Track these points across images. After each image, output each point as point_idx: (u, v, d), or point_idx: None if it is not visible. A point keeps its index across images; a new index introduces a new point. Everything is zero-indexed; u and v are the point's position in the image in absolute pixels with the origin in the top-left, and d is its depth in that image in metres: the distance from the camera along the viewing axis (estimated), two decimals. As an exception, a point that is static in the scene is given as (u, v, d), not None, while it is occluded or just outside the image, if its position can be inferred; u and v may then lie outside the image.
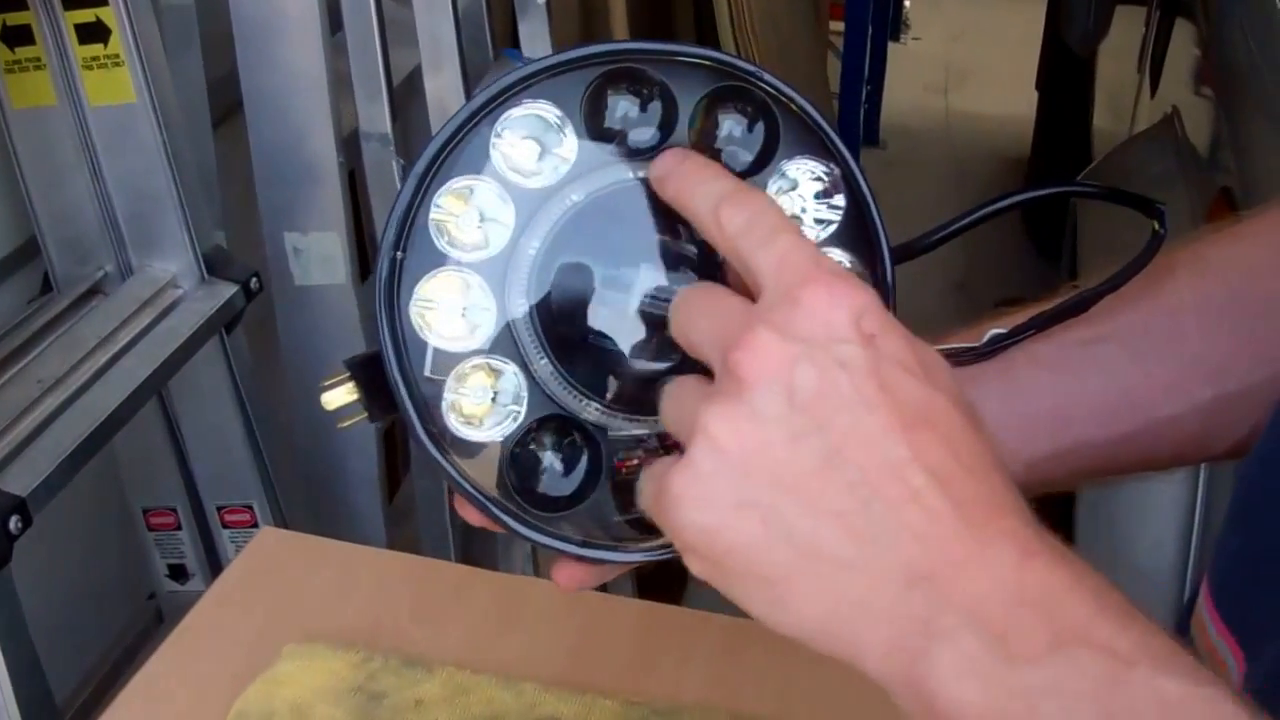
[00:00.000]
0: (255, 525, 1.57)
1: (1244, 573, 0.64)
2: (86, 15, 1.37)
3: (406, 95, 1.74)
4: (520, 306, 0.61)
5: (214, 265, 1.46)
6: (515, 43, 2.12)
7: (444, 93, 1.68)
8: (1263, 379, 0.70)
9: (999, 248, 4.15)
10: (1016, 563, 0.48)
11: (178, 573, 1.65)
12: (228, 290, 1.45)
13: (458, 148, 0.61)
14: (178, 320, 1.40)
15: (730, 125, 0.62)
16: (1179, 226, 0.73)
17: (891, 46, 4.91)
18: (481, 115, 0.61)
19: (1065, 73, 3.76)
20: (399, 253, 0.61)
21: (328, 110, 1.56)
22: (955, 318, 0.76)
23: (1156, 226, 0.66)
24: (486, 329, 0.61)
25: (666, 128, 0.61)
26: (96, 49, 1.38)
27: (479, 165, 0.61)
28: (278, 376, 1.72)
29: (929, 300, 3.79)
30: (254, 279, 1.48)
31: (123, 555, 1.71)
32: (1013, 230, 4.18)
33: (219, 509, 1.59)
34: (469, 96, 1.62)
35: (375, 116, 1.62)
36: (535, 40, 2.09)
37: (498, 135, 0.61)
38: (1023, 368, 0.72)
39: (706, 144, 0.62)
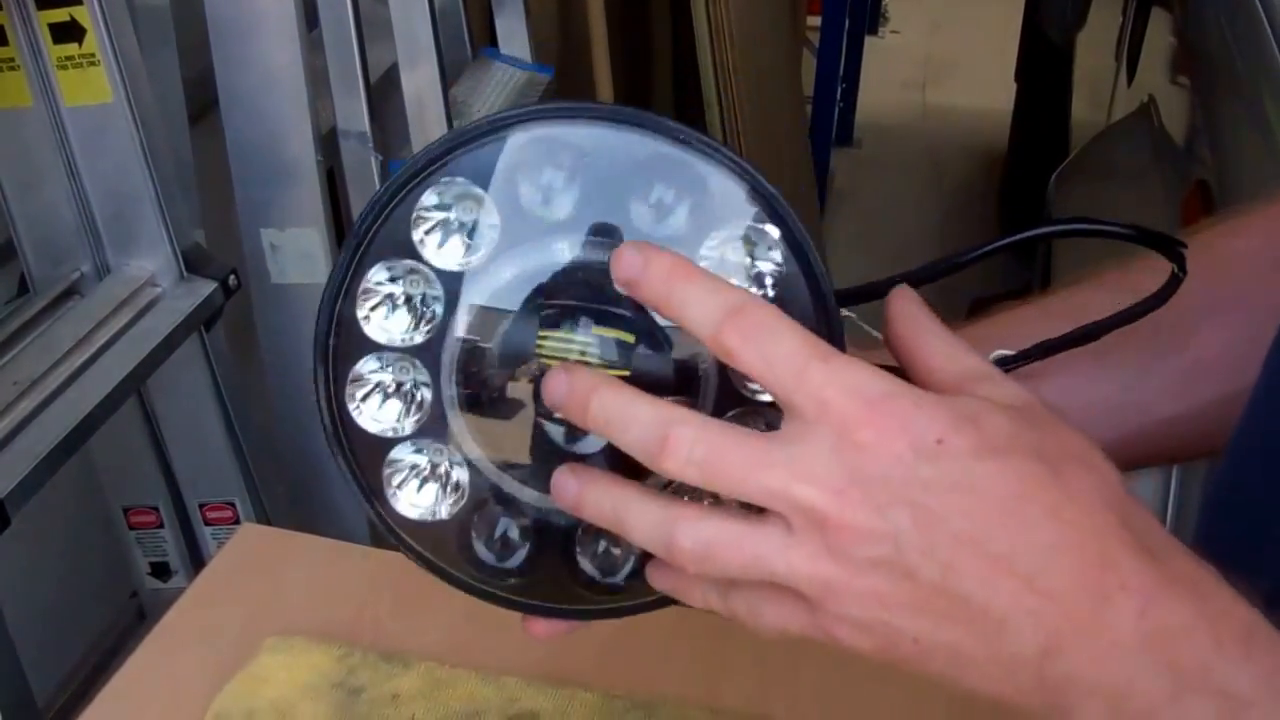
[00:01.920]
0: (237, 522, 1.57)
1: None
2: (60, 15, 1.37)
3: (384, 92, 1.74)
4: (450, 390, 0.60)
5: (192, 263, 1.46)
6: (493, 40, 2.13)
7: (421, 90, 1.69)
8: None
9: (975, 243, 4.15)
10: (1137, 613, 0.48)
11: (160, 570, 1.66)
12: (206, 288, 1.45)
13: (380, 231, 0.59)
14: (156, 319, 1.40)
15: (660, 191, 0.59)
16: (1155, 218, 0.73)
17: (869, 41, 4.90)
18: (401, 196, 0.59)
19: (1044, 63, 3.77)
20: (331, 339, 0.60)
21: (305, 107, 1.57)
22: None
23: (1176, 270, 0.65)
24: (419, 414, 0.61)
25: (595, 198, 0.59)
26: (71, 48, 1.38)
27: (400, 249, 0.59)
28: (258, 375, 1.72)
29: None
30: (232, 276, 1.49)
31: (104, 554, 1.71)
32: (988, 226, 4.19)
33: (201, 506, 1.59)
34: (445, 93, 1.62)
35: (353, 113, 1.62)
36: (512, 38, 2.10)
37: (417, 217, 0.59)
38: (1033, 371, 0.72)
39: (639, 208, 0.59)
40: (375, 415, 0.61)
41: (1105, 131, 2.27)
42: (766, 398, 0.56)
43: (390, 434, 0.61)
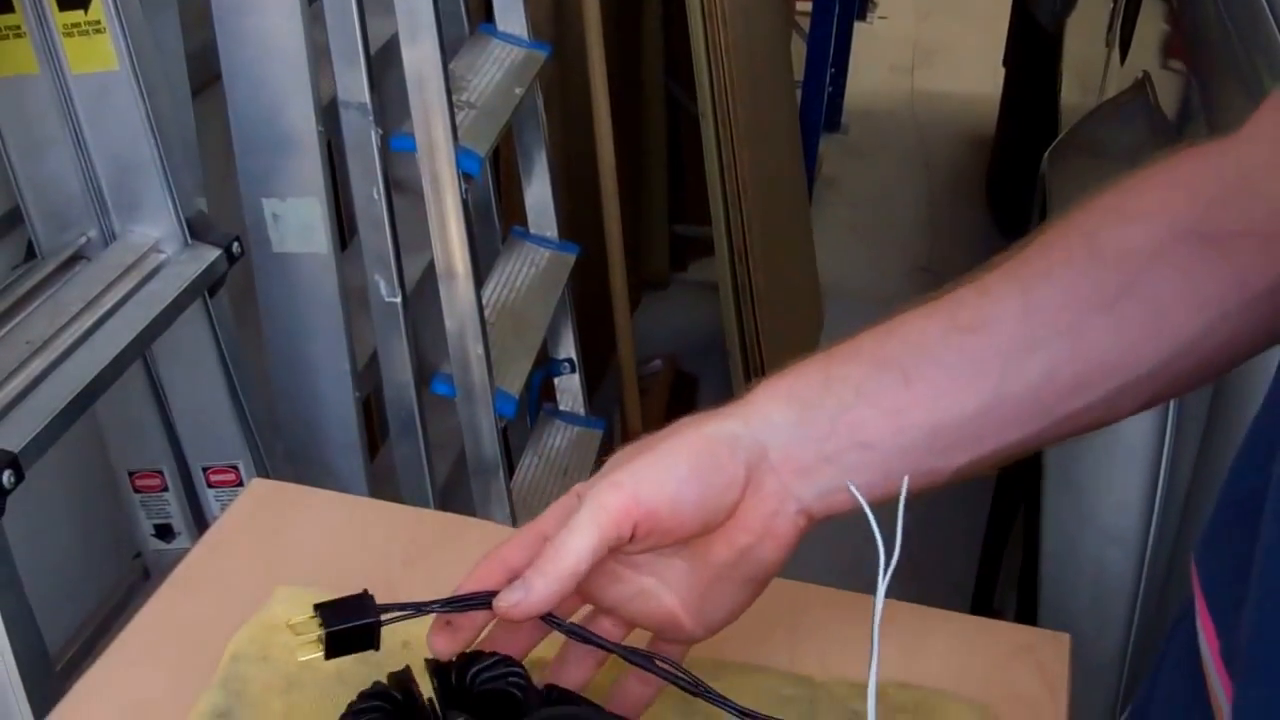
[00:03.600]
0: (240, 485, 1.59)
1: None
2: (66, -18, 1.39)
3: (384, 64, 1.76)
4: None
5: (196, 230, 1.48)
6: (489, 16, 2.14)
7: (421, 63, 1.70)
8: (1158, 362, 0.74)
9: (963, 229, 4.18)
10: None
11: (164, 532, 1.68)
12: (210, 254, 1.47)
13: None
14: (161, 284, 1.42)
15: None
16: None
17: (857, 26, 4.92)
18: None
19: (1033, 49, 3.79)
20: None
21: (306, 79, 1.59)
22: (918, 298, 0.79)
23: None
24: None
25: None
26: (77, 16, 1.40)
27: None
28: (260, 344, 1.74)
29: (894, 283, 3.82)
30: (235, 243, 1.51)
31: (109, 516, 1.73)
32: (976, 211, 4.22)
33: (204, 469, 1.61)
34: (445, 67, 1.64)
35: (353, 85, 1.64)
36: (509, 12, 2.11)
37: None
38: (941, 387, 0.75)
39: None
40: None
41: (1100, 107, 2.28)
42: None
43: None
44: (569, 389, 2.34)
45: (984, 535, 2.46)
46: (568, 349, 2.30)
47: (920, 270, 3.88)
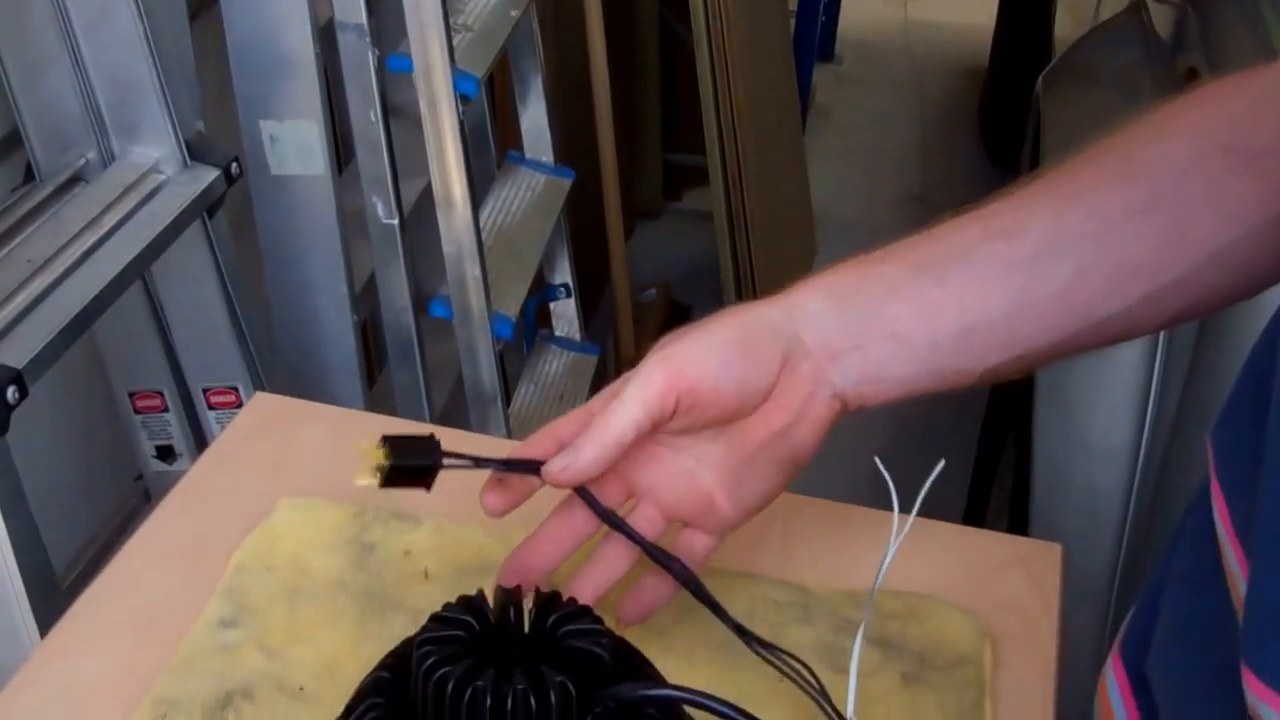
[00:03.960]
0: (240, 406, 1.60)
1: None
2: (64, -101, 1.38)
3: (381, -14, 1.76)
4: None
5: (195, 151, 1.48)
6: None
7: (417, -15, 1.70)
8: (1186, 270, 0.75)
9: (956, 160, 4.18)
10: None
11: (165, 453, 1.69)
12: (209, 175, 1.47)
13: None
14: (161, 204, 1.42)
15: None
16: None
17: (855, -45, 4.90)
18: None
19: (1027, -23, 3.79)
20: None
21: (303, 0, 1.59)
22: (911, 227, 0.81)
23: None
24: None
25: None
26: (75, -67, 1.40)
27: None
28: (258, 269, 1.75)
29: (886, 212, 3.82)
30: (234, 164, 1.51)
31: (109, 438, 1.74)
32: (969, 141, 4.21)
33: (205, 390, 1.62)
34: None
35: (350, 6, 1.64)
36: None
37: None
38: (971, 288, 0.77)
39: None
40: None
41: (1093, 31, 2.28)
42: None
43: None
44: (565, 315, 2.35)
45: (975, 457, 2.48)
46: (564, 274, 2.31)
47: (913, 199, 3.89)
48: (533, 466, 0.81)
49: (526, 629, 0.75)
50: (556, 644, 0.73)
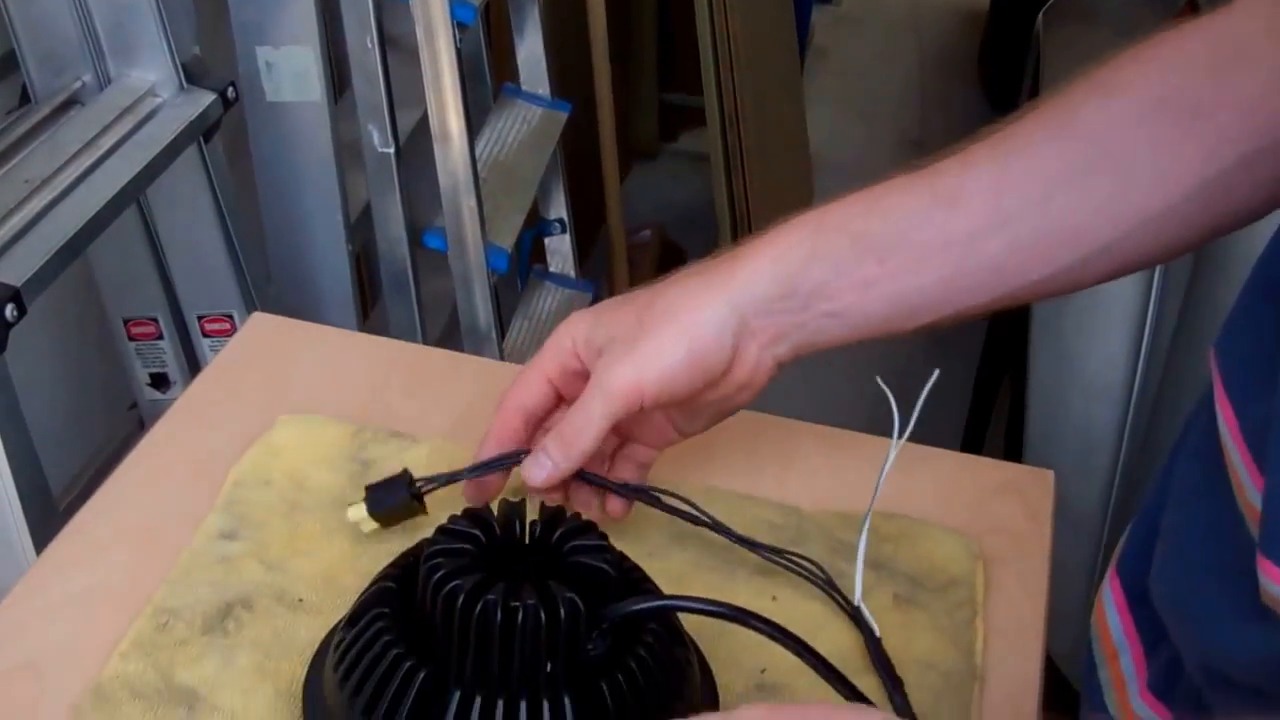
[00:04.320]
0: (235, 333, 1.60)
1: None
2: None
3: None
4: None
5: (192, 74, 1.48)
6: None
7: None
8: (1118, 236, 0.76)
9: (954, 102, 4.17)
10: None
11: (159, 381, 1.69)
12: (205, 98, 1.47)
13: None
14: (158, 127, 1.42)
15: None
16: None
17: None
18: None
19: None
20: None
21: (299, -78, 1.58)
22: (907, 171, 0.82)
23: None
24: None
25: None
26: None
27: None
28: (254, 199, 1.74)
29: (883, 154, 3.82)
30: (230, 88, 1.51)
31: (103, 367, 1.74)
32: (968, 84, 4.20)
33: (199, 318, 1.62)
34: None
35: (348, -67, 1.63)
36: None
37: None
38: (908, 264, 0.80)
39: None
40: None
41: (1095, -31, 2.27)
42: None
43: None
44: (559, 250, 2.35)
45: (971, 399, 2.48)
46: (559, 209, 2.31)
47: (910, 142, 3.88)
48: (510, 463, 0.86)
49: (531, 542, 0.75)
50: (562, 559, 0.73)
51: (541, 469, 0.83)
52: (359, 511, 0.87)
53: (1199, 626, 0.65)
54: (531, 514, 0.77)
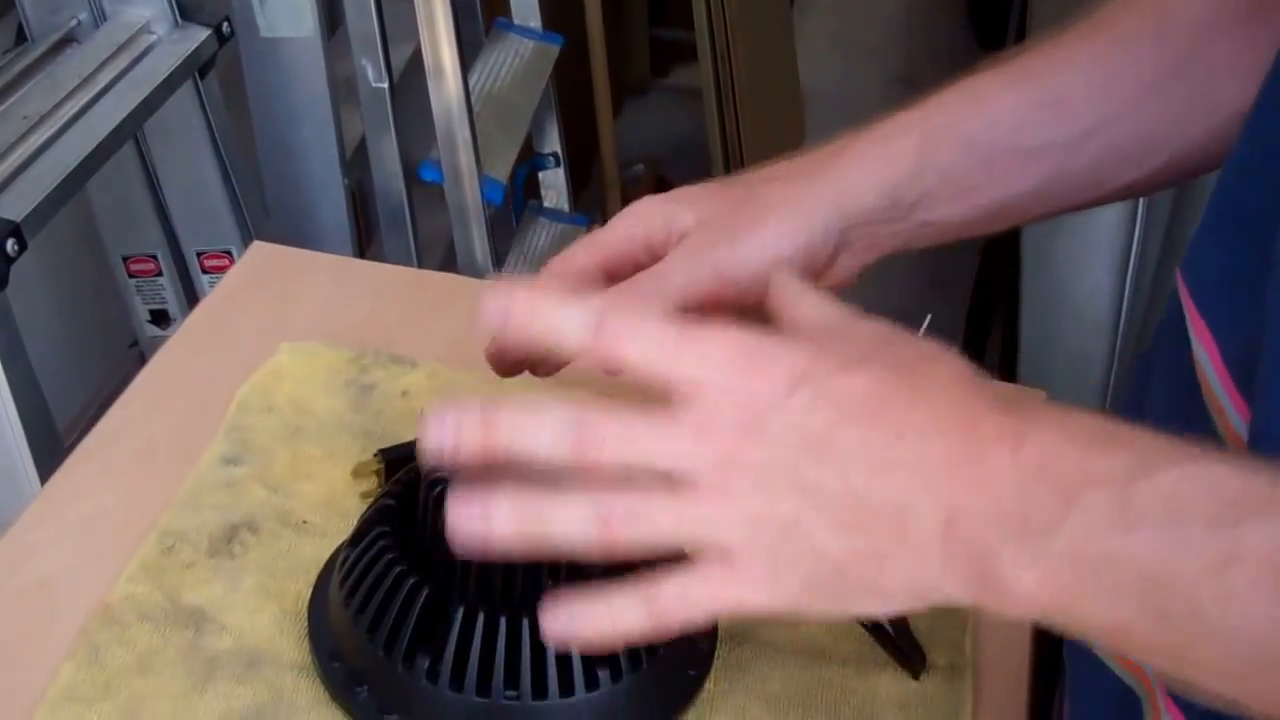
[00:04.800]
0: (234, 268, 1.61)
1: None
2: None
3: None
4: None
5: (186, 10, 1.49)
6: None
7: None
8: (1206, 136, 0.76)
9: (942, 40, 4.16)
10: (1010, 454, 0.52)
11: (159, 318, 1.70)
12: (200, 34, 1.48)
13: None
14: (153, 63, 1.43)
15: None
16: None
17: None
18: None
19: None
20: None
21: None
22: (899, 109, 0.81)
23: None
24: None
25: None
26: None
27: None
28: (251, 137, 1.75)
29: (871, 94, 3.81)
30: (225, 23, 1.51)
31: (104, 305, 1.75)
32: (956, 23, 4.19)
33: (199, 255, 1.63)
34: None
35: None
36: None
37: None
38: (1013, 172, 0.78)
39: None
40: None
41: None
42: None
43: None
44: (554, 185, 2.35)
45: (963, 333, 2.50)
46: (552, 143, 2.31)
47: (898, 80, 3.87)
48: None
49: None
50: None
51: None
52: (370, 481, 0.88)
53: None
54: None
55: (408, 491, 0.76)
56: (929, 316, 0.83)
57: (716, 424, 0.55)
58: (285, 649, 0.78)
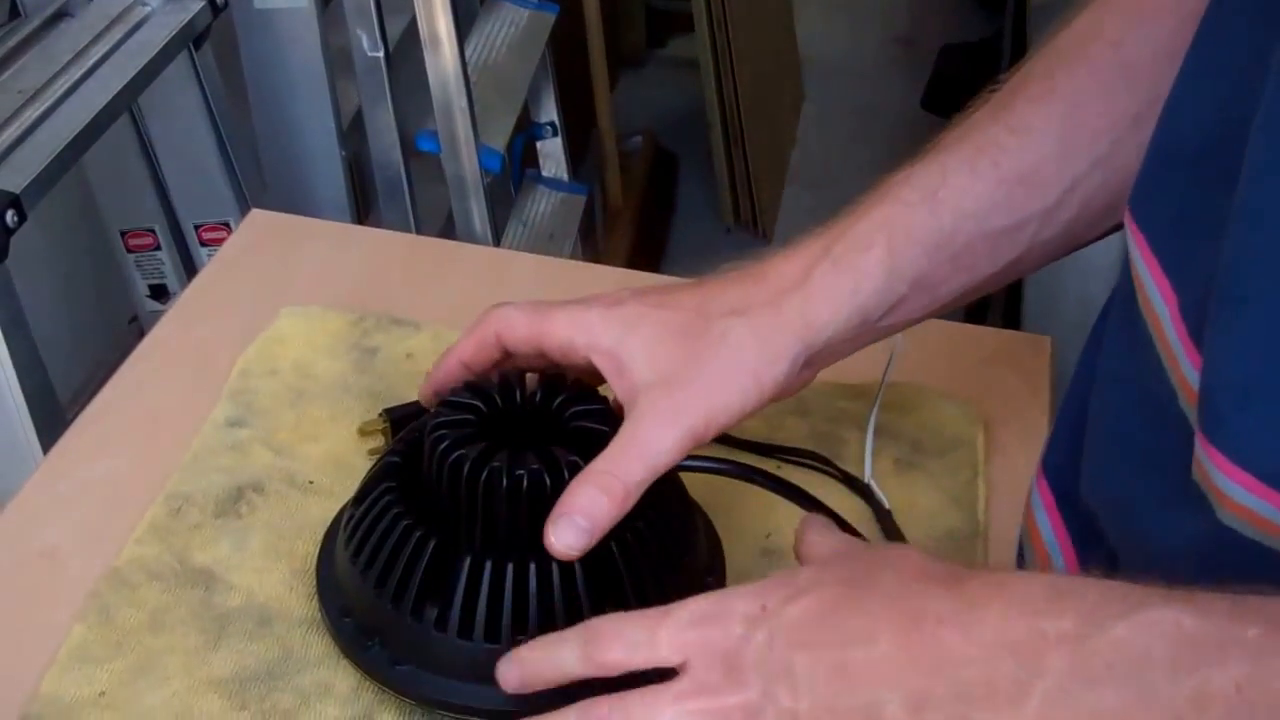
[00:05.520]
0: (233, 241, 1.61)
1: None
2: None
3: None
4: None
5: (180, -19, 1.48)
6: None
7: None
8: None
9: (943, 0, 4.15)
10: (962, 634, 0.54)
11: (158, 292, 1.70)
12: (194, 5, 1.48)
13: None
14: (147, 35, 1.43)
15: None
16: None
17: None
18: None
19: None
20: None
21: None
22: (898, 71, 0.80)
23: None
24: None
25: None
26: None
27: None
28: (247, 109, 1.75)
29: (871, 54, 3.80)
30: (218, -8, 1.51)
31: (103, 281, 1.75)
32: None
33: (196, 227, 1.63)
34: None
35: None
36: None
37: None
38: (981, 259, 0.77)
39: None
40: None
41: None
42: None
43: None
44: (552, 154, 2.35)
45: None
46: (549, 112, 2.31)
47: (898, 41, 3.86)
48: None
49: (531, 410, 0.77)
50: (563, 424, 0.74)
51: (581, 536, 0.69)
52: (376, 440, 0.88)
53: (1130, 515, 0.64)
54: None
55: (412, 449, 0.76)
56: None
57: (703, 683, 0.59)
58: (294, 606, 0.78)
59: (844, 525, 0.78)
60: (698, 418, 0.72)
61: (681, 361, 0.73)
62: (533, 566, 0.70)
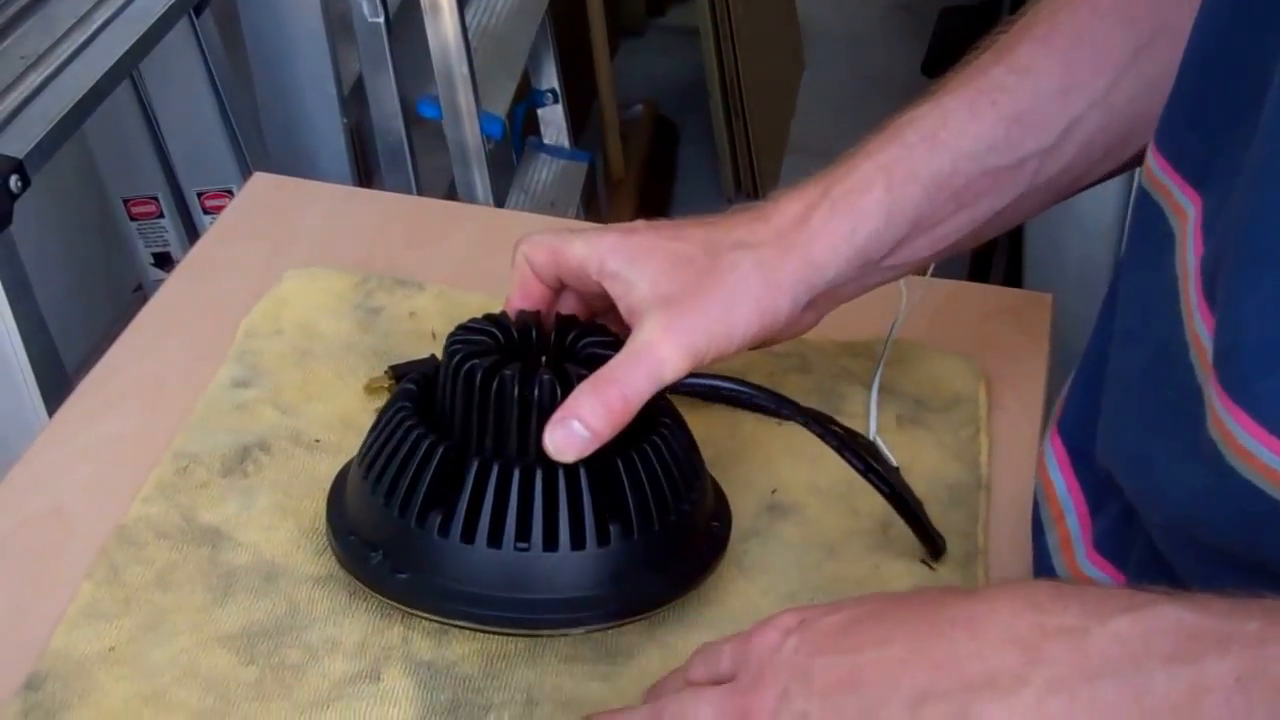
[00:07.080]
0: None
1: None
2: None
3: None
4: None
5: (180, -54, 1.48)
6: None
7: None
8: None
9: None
10: (969, 628, 0.55)
11: (162, 261, 1.70)
12: (195, -31, 1.48)
13: None
14: (148, 1, 1.42)
15: None
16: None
17: None
18: None
19: None
20: None
21: None
22: (899, 38, 0.81)
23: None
24: None
25: None
26: None
27: None
28: (249, 77, 1.75)
29: (872, 21, 3.79)
30: (220, -42, 1.51)
31: (107, 250, 1.75)
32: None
33: (199, 195, 1.63)
34: None
35: None
36: None
37: None
38: (983, 201, 0.78)
39: None
40: None
41: None
42: None
43: None
44: (553, 121, 2.35)
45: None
46: (550, 79, 2.31)
47: (900, 8, 3.85)
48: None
49: (547, 343, 0.78)
50: (576, 353, 0.75)
51: (577, 440, 0.71)
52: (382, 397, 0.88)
53: (1145, 472, 0.64)
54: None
55: (426, 381, 0.77)
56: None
57: (737, 685, 0.60)
58: (301, 563, 0.79)
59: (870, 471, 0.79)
60: (699, 335, 0.73)
61: (687, 287, 0.75)
62: (540, 472, 0.71)
